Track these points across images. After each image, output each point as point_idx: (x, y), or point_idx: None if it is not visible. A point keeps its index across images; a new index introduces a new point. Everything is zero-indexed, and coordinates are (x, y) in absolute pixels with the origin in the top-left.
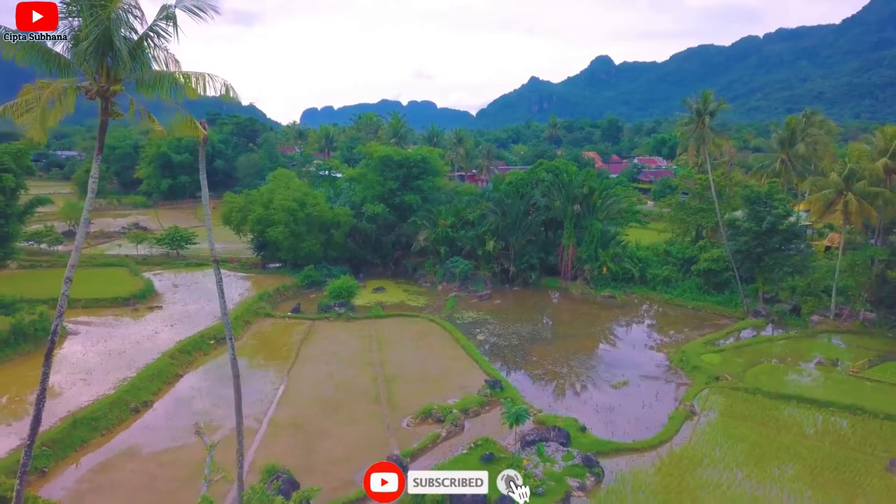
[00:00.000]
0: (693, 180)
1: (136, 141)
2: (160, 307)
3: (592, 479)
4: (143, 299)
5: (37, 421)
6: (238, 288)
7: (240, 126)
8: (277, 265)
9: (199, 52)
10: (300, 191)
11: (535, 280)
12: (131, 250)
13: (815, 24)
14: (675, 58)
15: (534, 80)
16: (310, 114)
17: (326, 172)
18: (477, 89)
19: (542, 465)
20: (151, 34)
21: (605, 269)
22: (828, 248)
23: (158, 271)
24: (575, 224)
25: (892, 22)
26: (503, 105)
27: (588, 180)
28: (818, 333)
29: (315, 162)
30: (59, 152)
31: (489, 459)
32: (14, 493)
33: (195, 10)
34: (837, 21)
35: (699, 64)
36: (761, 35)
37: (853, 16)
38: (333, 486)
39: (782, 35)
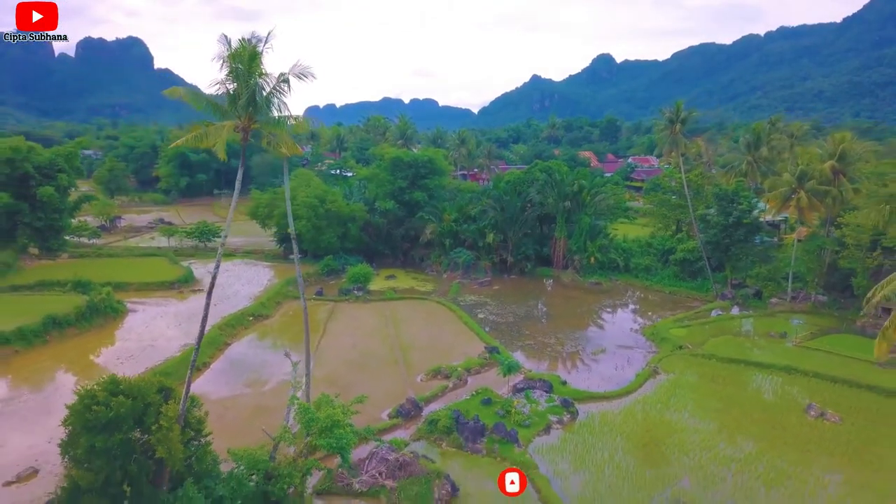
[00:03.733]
0: (674, 179)
1: (154, 142)
2: (201, 290)
3: (568, 416)
4: (185, 283)
5: (202, 333)
6: (266, 275)
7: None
8: (298, 255)
9: (203, 52)
10: (320, 189)
11: (530, 269)
12: (161, 243)
13: (816, 22)
14: (676, 56)
15: (535, 78)
16: (312, 112)
17: (338, 171)
18: (479, 87)
19: (528, 406)
20: (274, 91)
21: (592, 259)
22: (799, 240)
23: (191, 261)
24: (566, 219)
25: (893, 20)
26: (505, 103)
27: (578, 179)
28: (776, 313)
29: (327, 161)
30: None
31: (487, 402)
32: (186, 382)
33: (301, 75)
34: (838, 19)
35: (700, 62)
36: (762, 33)
37: (854, 14)
38: (366, 420)
39: (783, 33)
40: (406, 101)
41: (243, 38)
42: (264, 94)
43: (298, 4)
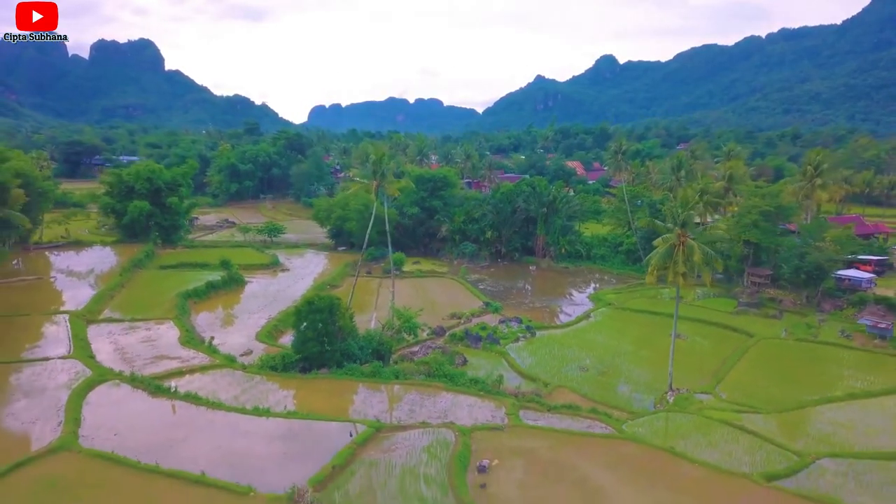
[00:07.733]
0: (622, 192)
1: (200, 151)
2: (288, 270)
3: (529, 335)
4: (275, 266)
5: (360, 262)
6: (325, 262)
7: (290, 140)
8: (344, 248)
9: (209, 49)
10: (364, 199)
11: (518, 258)
12: (237, 237)
13: (817, 24)
14: (678, 57)
15: (539, 78)
16: (318, 111)
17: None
18: (483, 87)
19: (507, 329)
20: (386, 172)
21: (563, 250)
22: None
23: (267, 251)
24: (545, 220)
25: (891, 23)
26: (509, 103)
27: (553, 191)
28: (687, 286)
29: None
30: (122, 157)
31: (483, 328)
32: (349, 296)
33: (398, 176)
34: (839, 21)
35: (702, 63)
36: (764, 35)
37: (853, 17)
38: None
39: (785, 35)
40: (411, 100)
41: (380, 143)
42: (387, 171)
43: (306, 3)
